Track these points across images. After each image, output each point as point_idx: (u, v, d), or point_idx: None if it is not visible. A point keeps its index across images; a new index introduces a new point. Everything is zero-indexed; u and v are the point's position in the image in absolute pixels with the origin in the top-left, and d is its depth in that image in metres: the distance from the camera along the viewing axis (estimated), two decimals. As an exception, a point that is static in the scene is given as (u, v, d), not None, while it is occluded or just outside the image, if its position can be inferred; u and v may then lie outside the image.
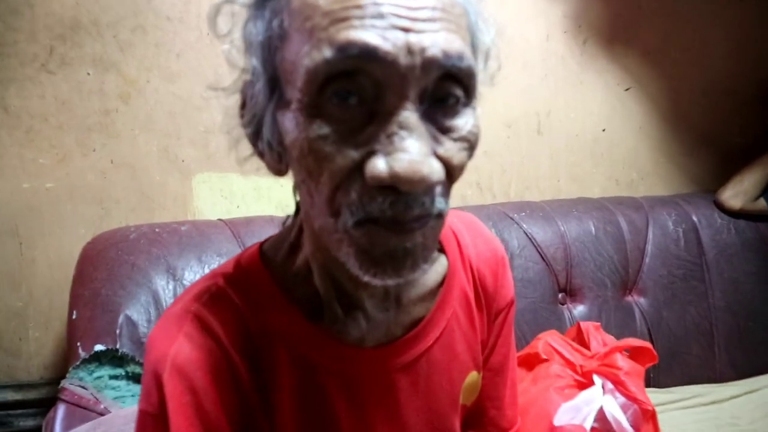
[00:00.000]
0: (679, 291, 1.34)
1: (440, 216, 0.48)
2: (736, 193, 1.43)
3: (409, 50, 0.42)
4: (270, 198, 1.34)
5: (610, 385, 0.77)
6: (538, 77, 1.44)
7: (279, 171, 0.53)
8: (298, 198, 0.56)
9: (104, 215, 1.30)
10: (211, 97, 1.29)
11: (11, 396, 1.35)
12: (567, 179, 1.48)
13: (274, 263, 0.58)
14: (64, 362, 1.35)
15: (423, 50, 0.42)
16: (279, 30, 0.46)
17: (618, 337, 1.17)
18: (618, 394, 0.75)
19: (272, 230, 1.12)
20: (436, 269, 0.63)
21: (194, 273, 1.06)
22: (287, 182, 0.57)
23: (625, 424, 0.72)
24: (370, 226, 0.45)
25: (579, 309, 1.26)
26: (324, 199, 0.46)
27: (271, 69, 0.48)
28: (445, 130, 0.46)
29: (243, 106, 0.53)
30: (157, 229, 1.14)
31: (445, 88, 0.45)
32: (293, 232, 0.59)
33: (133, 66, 1.27)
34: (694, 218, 1.41)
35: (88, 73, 1.25)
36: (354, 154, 0.44)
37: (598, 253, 1.30)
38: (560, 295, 1.27)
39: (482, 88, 0.55)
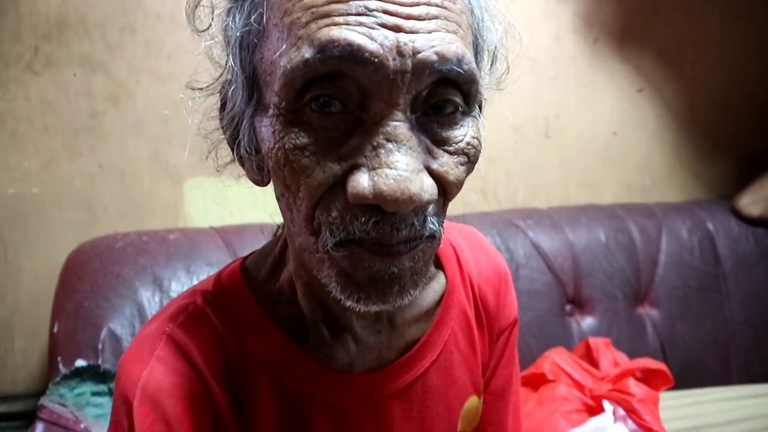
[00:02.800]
0: (694, 303, 1.28)
1: (432, 238, 0.42)
2: (755, 200, 1.37)
3: (399, 52, 0.37)
4: (266, 204, 1.27)
5: (621, 412, 0.71)
6: (547, 79, 1.39)
7: (259, 181, 0.48)
8: (280, 207, 0.50)
9: (92, 222, 1.25)
10: (192, 98, 1.24)
11: (-6, 409, 1.31)
12: (577, 185, 1.43)
13: (256, 281, 0.53)
14: (51, 373, 1.31)
15: (415, 52, 0.37)
16: (258, 25, 0.41)
17: (629, 352, 1.12)
18: (630, 422, 0.69)
19: (266, 240, 1.07)
20: (433, 287, 0.58)
21: (182, 284, 1.01)
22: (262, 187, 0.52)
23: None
24: (353, 247, 0.40)
25: (588, 322, 1.20)
26: (303, 216, 0.41)
27: (250, 69, 0.43)
28: (441, 142, 0.41)
29: (222, 108, 0.48)
30: (144, 238, 1.08)
31: (441, 94, 0.40)
32: (278, 246, 0.54)
33: (122, 67, 1.22)
34: (710, 226, 1.35)
35: (75, 74, 1.21)
36: (335, 168, 0.39)
37: (609, 263, 1.24)
38: (568, 307, 1.21)
39: (488, 93, 0.49)
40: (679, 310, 1.27)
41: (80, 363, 0.93)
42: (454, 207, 0.48)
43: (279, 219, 1.15)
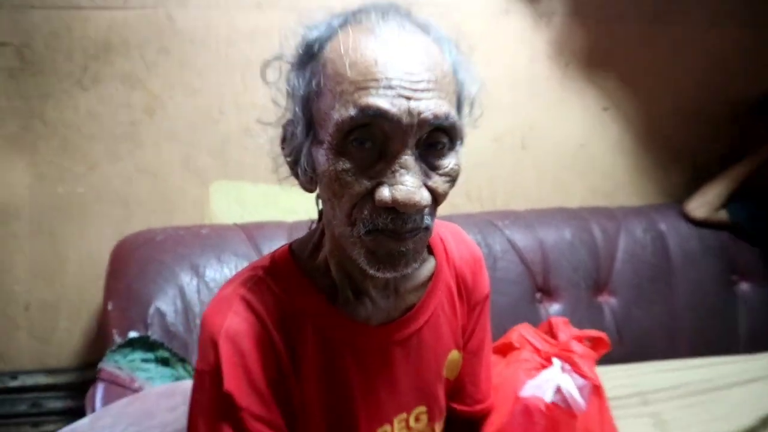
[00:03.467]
0: (646, 292, 1.49)
1: (427, 229, 0.63)
2: (700, 205, 1.58)
3: (410, 113, 0.57)
4: (277, 204, 1.47)
5: (567, 367, 0.91)
6: (524, 96, 1.59)
7: (310, 189, 0.67)
8: (320, 209, 0.70)
9: (129, 217, 1.43)
10: (228, 113, 1.43)
11: (42, 380, 1.49)
12: (549, 190, 1.63)
13: (301, 259, 0.73)
14: (91, 350, 1.50)
15: (419, 113, 0.57)
16: (316, 87, 0.61)
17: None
18: (575, 375, 0.90)
19: (281, 233, 1.27)
20: (426, 267, 0.78)
21: (214, 271, 1.20)
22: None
23: (577, 397, 0.87)
24: (377, 235, 0.61)
25: (554, 307, 1.40)
26: (344, 213, 0.61)
27: (309, 115, 0.62)
28: (434, 168, 0.61)
29: (284, 140, 0.67)
30: (180, 232, 1.28)
31: (434, 137, 0.60)
32: (316, 235, 0.73)
33: (158, 83, 1.41)
34: (663, 227, 1.56)
35: (117, 89, 1.39)
36: (367, 184, 0.59)
37: (573, 258, 1.45)
38: (538, 295, 1.41)
39: (468, 130, 0.69)
40: (633, 297, 1.48)
41: (133, 334, 1.12)
42: (444, 209, 0.68)
43: (290, 216, 1.33)
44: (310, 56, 0.63)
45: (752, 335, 1.54)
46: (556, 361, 0.93)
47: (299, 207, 1.42)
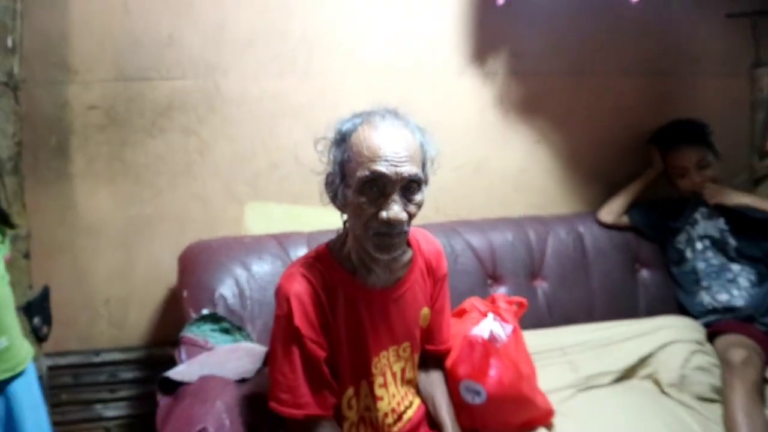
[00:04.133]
0: (568, 278, 1.99)
1: (406, 233, 1.15)
2: (608, 212, 2.11)
3: (396, 173, 1.09)
4: (297, 219, 1.95)
5: (498, 318, 1.42)
6: (476, 136, 2.08)
7: (342, 210, 1.18)
8: (345, 220, 1.20)
9: (184, 232, 1.89)
10: (258, 153, 1.92)
11: (118, 356, 1.95)
12: (496, 205, 2.11)
13: (334, 251, 1.24)
14: (154, 333, 1.96)
15: (401, 173, 1.09)
16: (347, 157, 1.12)
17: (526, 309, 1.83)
18: (501, 322, 1.41)
19: (301, 240, 1.76)
20: (407, 255, 1.29)
21: (257, 266, 1.69)
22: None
23: (501, 334, 1.38)
24: (379, 236, 1.12)
25: (501, 290, 1.90)
26: (362, 224, 1.12)
27: (342, 171, 1.13)
28: (409, 201, 1.13)
29: (327, 183, 1.17)
30: (229, 241, 1.77)
31: (410, 185, 1.12)
32: (342, 237, 1.24)
33: (207, 132, 1.89)
34: (581, 229, 2.07)
35: (177, 137, 1.87)
36: (374, 209, 1.11)
37: (514, 254, 1.95)
38: (489, 281, 1.92)
39: (431, 175, 1.20)
40: (559, 282, 1.99)
41: (204, 312, 1.60)
42: (420, 219, 1.19)
43: (307, 228, 1.80)
44: (343, 139, 1.14)
45: (649, 309, 2.05)
46: (489, 314, 1.44)
47: (312, 222, 1.90)
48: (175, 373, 1.41)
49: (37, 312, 1.68)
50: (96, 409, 1.95)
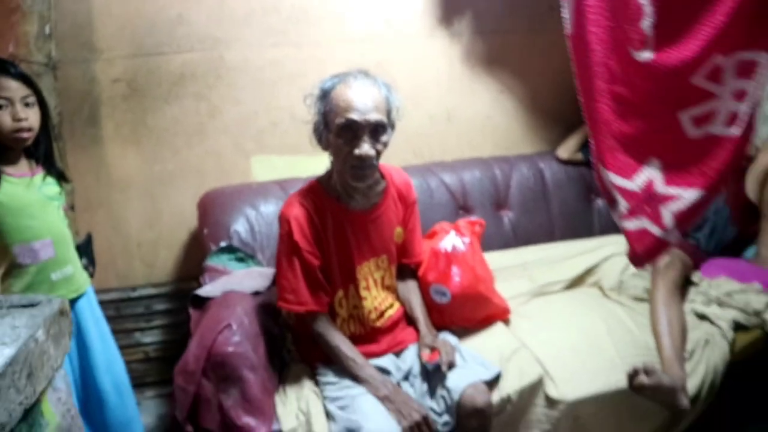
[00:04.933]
0: (530, 207, 2.33)
1: (375, 166, 1.50)
2: (565, 150, 2.43)
3: (366, 120, 1.43)
4: (296, 167, 2.28)
5: (458, 234, 1.77)
6: (447, 88, 2.39)
7: (326, 150, 1.51)
8: (330, 158, 1.54)
9: (201, 183, 2.22)
10: (261, 114, 2.25)
11: (151, 291, 2.31)
12: (466, 147, 2.44)
13: (323, 183, 1.58)
14: (181, 270, 2.32)
15: (369, 120, 1.43)
16: (327, 108, 1.46)
17: (493, 235, 2.17)
18: (461, 236, 1.76)
19: (299, 183, 2.08)
20: (381, 185, 1.63)
21: (264, 206, 2.04)
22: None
23: (460, 246, 1.73)
24: (354, 168, 1.47)
25: (471, 218, 2.25)
26: (341, 159, 1.47)
27: (325, 119, 1.47)
28: (376, 141, 1.46)
29: (314, 129, 1.51)
30: (239, 187, 2.12)
31: (377, 128, 1.45)
32: (329, 172, 1.58)
33: (216, 97, 2.21)
34: (542, 165, 2.40)
35: (190, 102, 2.20)
36: (349, 148, 1.45)
37: (482, 188, 2.28)
38: (460, 212, 2.26)
39: (398, 122, 1.53)
40: (522, 211, 2.33)
41: (222, 244, 1.96)
42: (400, 162, 1.54)
43: (304, 174, 2.12)
44: (324, 95, 1.47)
45: (603, 232, 2.37)
46: (452, 231, 1.79)
47: (308, 169, 2.22)
48: (203, 291, 1.78)
49: (84, 254, 2.03)
50: (135, 337, 2.32)
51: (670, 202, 1.35)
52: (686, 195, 1.33)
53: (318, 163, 2.11)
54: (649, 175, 1.37)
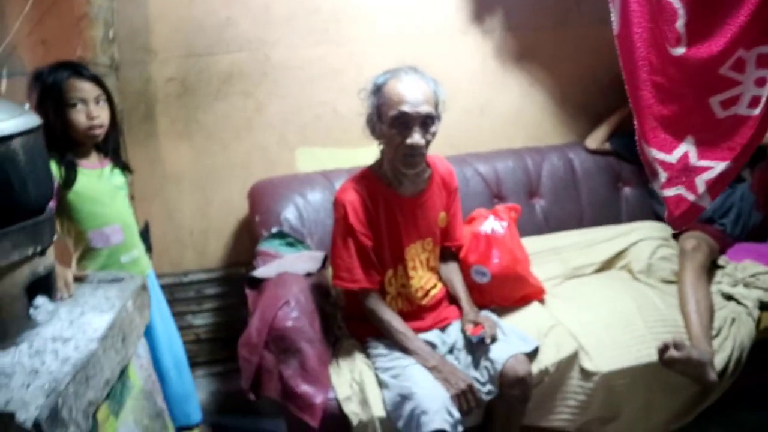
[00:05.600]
0: (561, 196, 2.43)
1: (424, 155, 1.62)
2: (593, 140, 2.53)
3: (416, 112, 1.55)
4: (338, 159, 2.41)
5: (497, 218, 1.89)
6: (481, 83, 2.50)
7: (378, 140, 1.64)
8: (381, 148, 1.67)
9: (248, 175, 2.35)
10: (304, 108, 2.38)
11: (202, 276, 2.45)
12: (500, 139, 2.54)
13: (374, 170, 1.71)
14: (230, 256, 2.46)
15: (420, 112, 1.55)
16: (381, 101, 1.58)
17: (525, 222, 2.27)
18: (499, 220, 1.88)
19: (343, 174, 2.24)
20: (427, 172, 1.75)
21: (312, 195, 2.17)
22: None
23: (499, 229, 1.85)
24: (406, 156, 1.59)
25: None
26: (393, 149, 1.59)
27: (378, 112, 1.59)
28: (426, 131, 1.58)
29: (368, 121, 1.63)
30: (287, 178, 2.25)
31: (426, 120, 1.57)
32: (379, 160, 1.71)
33: (261, 94, 2.34)
34: (571, 156, 2.50)
35: (238, 99, 2.34)
36: (401, 138, 1.57)
37: (515, 177, 2.40)
38: (494, 200, 2.37)
39: (443, 114, 1.66)
40: (554, 199, 2.43)
41: (274, 230, 2.10)
42: (439, 151, 1.66)
43: (346, 165, 2.29)
44: (378, 89, 1.59)
45: (630, 219, 2.46)
46: (490, 216, 1.91)
47: (349, 160, 2.36)
48: (259, 273, 1.91)
49: (143, 241, 2.18)
50: (187, 319, 2.47)
51: (703, 173, 1.59)
52: (716, 166, 1.58)
53: (358, 154, 2.26)
54: (685, 150, 1.61)
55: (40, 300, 1.19)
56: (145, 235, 2.16)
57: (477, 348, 1.68)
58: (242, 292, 1.95)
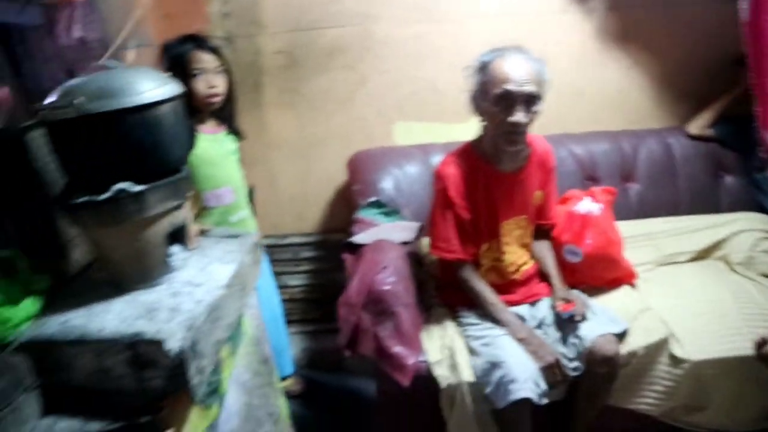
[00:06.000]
0: (657, 181, 2.38)
1: (524, 133, 1.65)
2: (696, 125, 2.45)
3: (521, 91, 1.58)
4: (433, 133, 2.48)
5: (593, 199, 1.90)
6: (580, 63, 2.47)
7: (481, 117, 1.69)
8: (483, 124, 1.71)
9: (347, 145, 2.47)
10: (403, 83, 2.44)
11: (299, 240, 2.60)
12: (597, 119, 2.51)
13: (475, 146, 1.76)
14: (325, 222, 2.58)
15: (524, 91, 1.58)
16: (486, 79, 1.62)
17: (619, 203, 2.26)
18: (595, 202, 1.88)
19: (439, 148, 2.29)
20: (526, 151, 1.78)
21: (409, 167, 2.25)
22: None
23: (595, 210, 1.86)
24: (507, 133, 1.63)
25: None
26: (495, 126, 1.64)
27: (483, 89, 1.64)
28: (529, 110, 1.61)
29: (472, 98, 1.68)
30: (384, 150, 2.34)
31: (530, 98, 1.60)
32: (481, 136, 1.75)
33: (363, 68, 2.43)
34: (670, 140, 2.44)
35: (340, 73, 2.43)
36: (504, 116, 1.61)
37: (609, 160, 2.38)
38: (586, 182, 2.36)
39: (547, 94, 1.68)
40: (649, 184, 2.39)
41: (371, 200, 2.19)
42: (538, 131, 1.69)
43: (441, 140, 2.35)
44: (483, 67, 1.64)
45: (730, 210, 2.40)
46: (585, 197, 1.92)
47: (444, 135, 2.42)
48: (357, 238, 2.02)
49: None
50: (283, 279, 2.63)
51: None
52: None
53: (454, 130, 2.31)
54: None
55: (176, 248, 1.33)
56: (250, 198, 2.31)
57: (566, 325, 1.72)
58: (336, 256, 2.06)
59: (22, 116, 1.30)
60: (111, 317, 1.14)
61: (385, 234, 2.01)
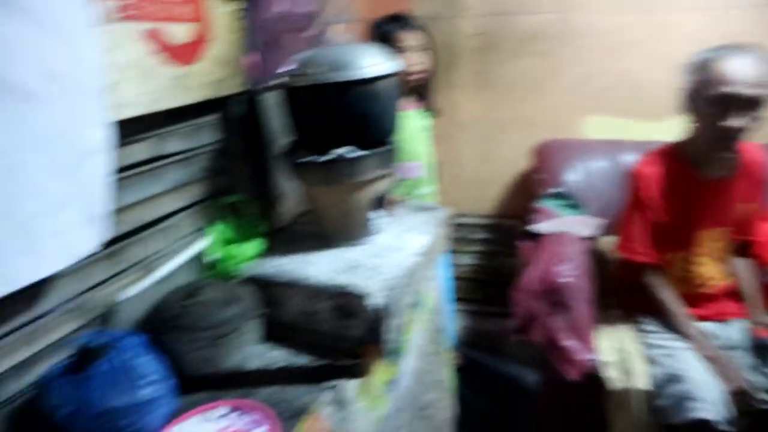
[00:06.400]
0: None
1: (739, 138, 1.52)
2: None
3: (741, 95, 1.46)
4: (626, 131, 2.37)
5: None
6: None
7: (695, 117, 1.59)
8: (694, 125, 1.61)
9: (534, 133, 2.43)
10: (598, 76, 2.36)
11: (474, 220, 2.64)
12: None
13: (679, 146, 1.67)
14: (503, 207, 2.59)
15: (743, 95, 1.46)
16: (703, 77, 1.51)
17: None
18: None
19: (630, 148, 2.18)
20: (737, 158, 1.65)
21: (594, 162, 2.18)
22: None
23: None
24: (720, 138, 1.53)
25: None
26: (708, 128, 1.54)
27: (699, 88, 1.53)
28: (746, 116, 1.48)
29: (686, 96, 1.59)
30: (571, 141, 2.29)
31: (751, 104, 1.47)
32: (687, 137, 1.66)
33: (557, 57, 2.38)
34: None
35: (534, 60, 2.40)
36: (720, 119, 1.50)
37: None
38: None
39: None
40: None
41: (554, 190, 2.17)
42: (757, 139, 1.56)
43: (629, 136, 2.22)
44: (703, 65, 1.53)
45: None
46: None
47: (638, 134, 2.30)
48: (541, 227, 2.01)
49: (430, 180, 2.41)
50: (454, 257, 2.68)
51: None
52: None
53: (651, 128, 2.19)
54: None
55: (377, 214, 1.43)
56: (436, 174, 2.38)
57: (764, 352, 1.58)
58: (508, 241, 2.06)
59: (260, 80, 1.46)
60: (320, 267, 1.26)
61: (568, 227, 1.98)
